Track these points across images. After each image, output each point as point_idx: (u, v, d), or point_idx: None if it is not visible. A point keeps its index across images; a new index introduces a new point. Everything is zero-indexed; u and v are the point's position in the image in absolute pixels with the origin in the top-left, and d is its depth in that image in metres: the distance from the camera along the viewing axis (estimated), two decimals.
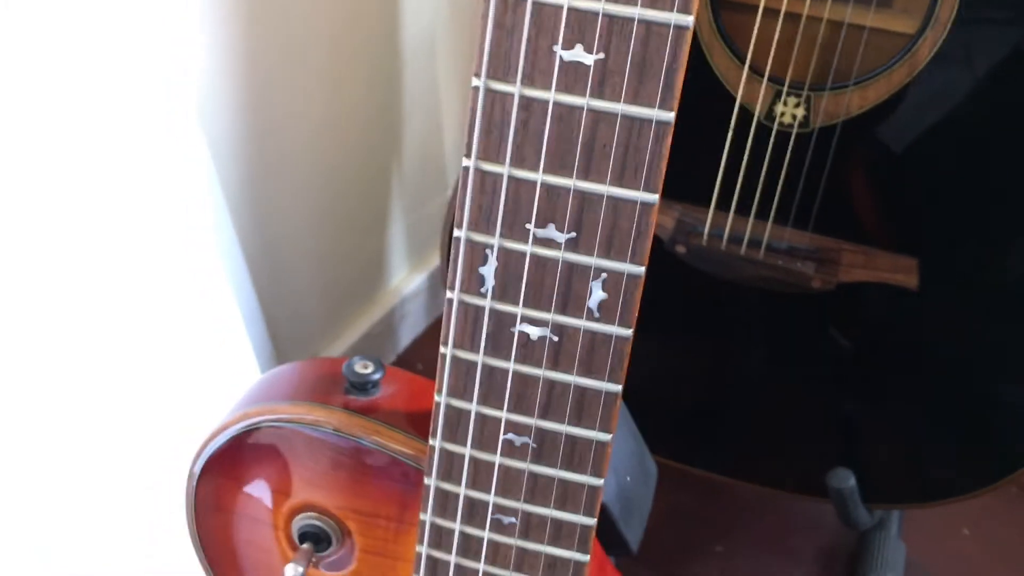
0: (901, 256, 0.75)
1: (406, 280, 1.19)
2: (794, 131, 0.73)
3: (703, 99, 0.73)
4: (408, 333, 1.21)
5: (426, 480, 0.42)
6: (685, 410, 0.93)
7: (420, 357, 1.21)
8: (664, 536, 0.53)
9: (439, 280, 1.21)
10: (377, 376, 0.45)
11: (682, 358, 0.90)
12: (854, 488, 0.84)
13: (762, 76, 0.72)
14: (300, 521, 0.47)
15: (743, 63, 0.72)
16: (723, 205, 0.77)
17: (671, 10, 0.31)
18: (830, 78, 0.71)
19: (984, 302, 0.76)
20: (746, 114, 0.73)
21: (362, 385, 0.45)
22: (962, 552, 1.05)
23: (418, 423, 0.45)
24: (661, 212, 0.75)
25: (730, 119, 0.73)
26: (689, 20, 0.32)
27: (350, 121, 0.99)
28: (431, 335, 1.24)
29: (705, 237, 0.79)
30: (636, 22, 0.32)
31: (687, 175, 0.75)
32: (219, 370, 0.87)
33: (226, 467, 0.48)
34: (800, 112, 0.72)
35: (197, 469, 0.48)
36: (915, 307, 0.77)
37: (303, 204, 0.99)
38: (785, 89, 0.71)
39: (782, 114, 0.72)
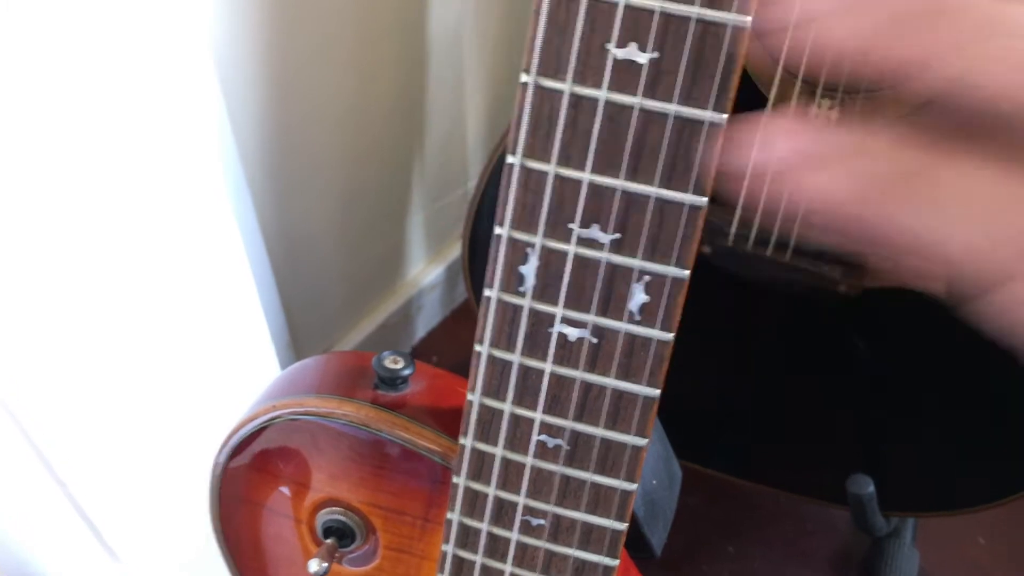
0: None
1: (424, 272, 1.18)
2: None
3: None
4: (424, 325, 1.21)
5: (455, 479, 0.42)
6: (703, 411, 0.92)
7: (435, 349, 1.21)
8: (675, 536, 0.53)
9: (457, 272, 1.20)
10: (407, 372, 0.45)
11: (701, 359, 0.89)
12: (873, 495, 0.83)
13: (796, 76, 0.71)
14: (324, 515, 0.47)
15: (777, 59, 0.71)
16: (751, 205, 0.76)
17: (730, 10, 0.31)
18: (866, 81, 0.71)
19: None
20: None
21: (392, 380, 0.45)
22: (977, 561, 1.04)
23: (446, 420, 0.45)
24: None
25: None
26: (747, 20, 0.31)
27: (373, 113, 0.99)
28: (447, 327, 1.23)
29: (731, 237, 0.78)
30: (693, 21, 0.31)
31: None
32: (236, 357, 0.87)
33: (251, 458, 0.47)
34: (834, 115, 0.71)
35: (222, 459, 0.47)
36: (941, 314, 0.76)
37: (324, 194, 0.99)
38: (819, 91, 0.70)
39: (816, 116, 0.71)
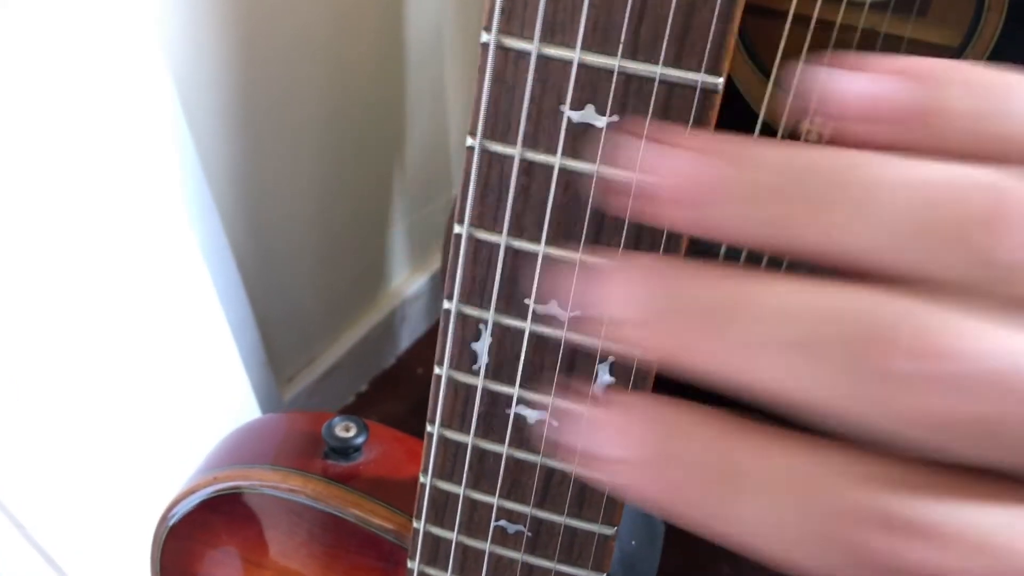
0: None
1: (407, 281, 1.14)
2: None
3: (720, 115, 0.68)
4: (408, 335, 1.17)
5: (409, 563, 0.38)
6: None
7: (420, 361, 1.17)
8: (670, 555, 0.50)
9: (440, 283, 1.17)
10: (360, 440, 0.41)
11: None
12: None
13: (788, 91, 0.67)
14: None
15: (767, 76, 0.67)
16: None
17: (699, 70, 0.27)
18: None
19: None
20: (769, 132, 0.68)
21: (343, 450, 0.41)
22: None
23: (403, 492, 0.41)
24: None
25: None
26: (719, 83, 0.27)
27: (351, 119, 0.94)
28: (432, 338, 1.20)
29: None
30: (656, 82, 0.27)
31: None
32: (201, 378, 0.83)
33: (195, 531, 0.44)
34: (827, 130, 0.67)
35: (162, 533, 0.44)
36: None
37: (301, 203, 0.95)
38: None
39: (808, 132, 0.67)
